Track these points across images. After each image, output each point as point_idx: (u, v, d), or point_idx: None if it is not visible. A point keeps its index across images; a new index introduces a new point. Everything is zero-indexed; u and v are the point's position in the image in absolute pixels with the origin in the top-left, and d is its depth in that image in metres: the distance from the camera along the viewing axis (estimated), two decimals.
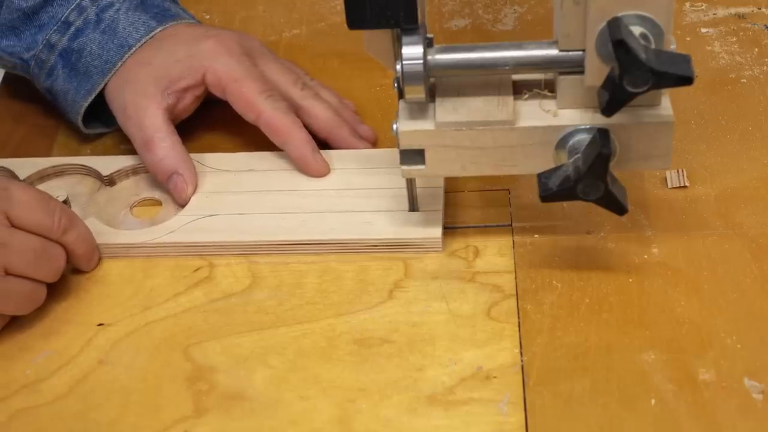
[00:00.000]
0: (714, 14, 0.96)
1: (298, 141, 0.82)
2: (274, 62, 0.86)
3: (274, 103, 0.82)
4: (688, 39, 0.94)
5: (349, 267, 0.77)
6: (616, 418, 0.66)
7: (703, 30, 0.95)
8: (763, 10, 0.96)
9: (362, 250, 0.77)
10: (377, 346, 0.71)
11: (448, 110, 0.71)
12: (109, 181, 0.84)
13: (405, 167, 0.73)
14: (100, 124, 0.89)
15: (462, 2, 1.01)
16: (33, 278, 0.73)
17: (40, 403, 0.70)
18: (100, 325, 0.75)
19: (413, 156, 0.72)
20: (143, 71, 0.83)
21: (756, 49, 0.92)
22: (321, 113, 0.84)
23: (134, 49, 0.84)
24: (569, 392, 0.67)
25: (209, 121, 0.89)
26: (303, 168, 0.82)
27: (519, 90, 0.72)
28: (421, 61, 0.68)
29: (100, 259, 0.79)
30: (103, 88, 0.85)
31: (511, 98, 0.71)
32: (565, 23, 0.67)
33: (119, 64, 0.84)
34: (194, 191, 0.81)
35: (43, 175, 0.85)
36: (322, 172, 0.82)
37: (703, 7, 0.97)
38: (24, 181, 0.83)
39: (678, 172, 0.80)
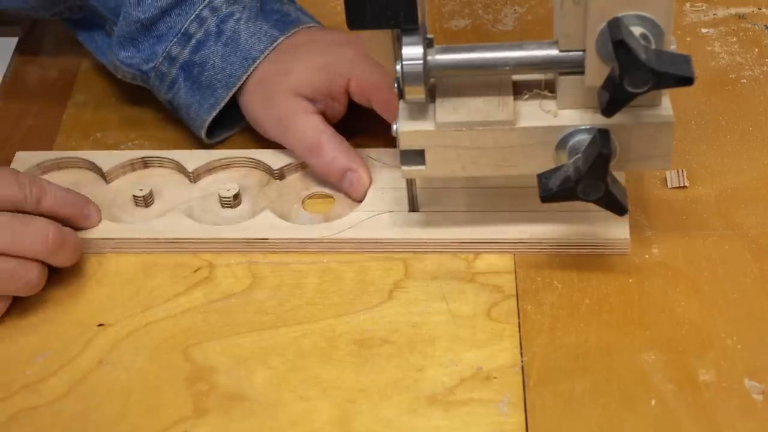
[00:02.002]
0: (714, 14, 0.96)
1: None
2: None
3: None
4: (688, 39, 0.94)
5: (348, 267, 0.77)
6: (616, 418, 0.66)
7: (704, 30, 0.95)
8: (764, 10, 0.96)
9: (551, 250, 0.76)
10: (377, 346, 0.71)
11: (448, 110, 0.71)
12: (279, 174, 0.83)
13: (405, 167, 0.73)
14: (225, 130, 0.88)
15: (462, 2, 1.01)
16: (17, 255, 0.72)
17: (40, 404, 0.70)
18: (100, 325, 0.75)
19: (413, 156, 0.72)
20: (286, 81, 0.81)
21: (756, 50, 0.92)
22: None
23: (258, 61, 0.82)
24: (569, 393, 0.67)
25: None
26: None
27: (519, 90, 0.72)
28: (421, 62, 0.68)
29: (99, 216, 0.79)
30: (235, 98, 0.84)
31: (511, 98, 0.71)
32: (565, 23, 0.67)
33: (243, 77, 0.82)
34: (370, 185, 0.80)
35: (211, 168, 0.84)
36: None
37: (704, 8, 0.97)
38: (192, 173, 0.83)
39: (678, 172, 0.80)
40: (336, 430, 0.67)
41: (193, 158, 0.84)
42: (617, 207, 0.70)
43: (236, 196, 0.81)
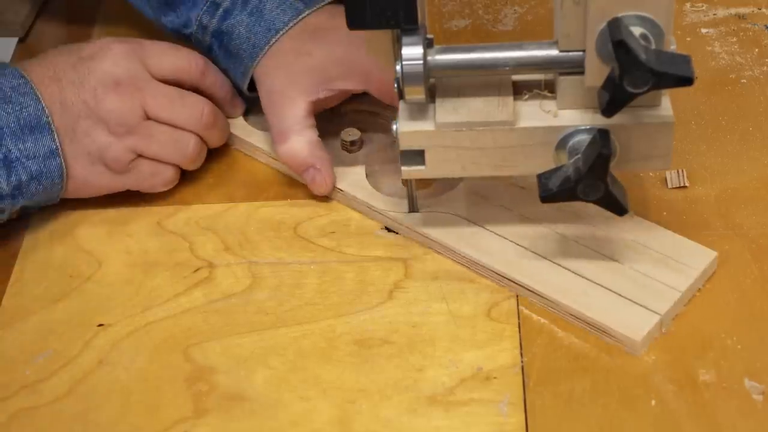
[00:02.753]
0: (714, 14, 0.96)
1: None
2: None
3: None
4: (688, 39, 0.94)
5: (349, 268, 0.77)
6: (616, 418, 0.66)
7: (704, 30, 0.95)
8: (764, 10, 0.96)
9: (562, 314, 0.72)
10: (377, 346, 0.71)
11: (448, 111, 0.71)
12: None
13: (405, 168, 0.73)
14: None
15: (462, 2, 1.01)
16: (176, 125, 0.81)
17: (40, 404, 0.70)
18: (100, 325, 0.75)
19: (413, 156, 0.72)
20: (301, 61, 0.82)
21: (756, 50, 0.92)
22: None
23: (281, 32, 0.82)
24: (569, 393, 0.67)
25: None
26: None
27: (519, 90, 0.72)
28: (421, 62, 0.68)
29: (243, 108, 0.87)
30: None
31: (511, 99, 0.71)
32: (565, 23, 0.67)
33: (266, 48, 0.82)
34: (332, 187, 0.81)
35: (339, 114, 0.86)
36: None
37: (704, 8, 0.97)
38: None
39: (678, 172, 0.80)
40: (336, 431, 0.67)
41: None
42: (617, 207, 0.69)
43: (354, 143, 0.84)
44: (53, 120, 0.78)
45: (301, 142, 0.81)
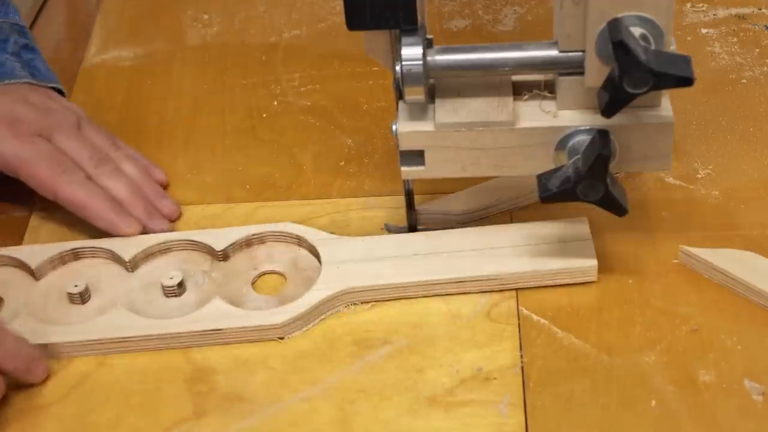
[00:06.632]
0: (714, 15, 0.96)
1: (101, 210, 0.77)
2: (72, 138, 0.80)
3: (70, 176, 0.77)
4: (688, 39, 0.94)
5: None
6: (616, 419, 0.66)
7: (704, 30, 0.95)
8: (764, 10, 0.96)
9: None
10: (377, 347, 0.71)
11: (448, 111, 0.71)
12: (223, 255, 0.77)
13: (405, 168, 0.73)
14: None
15: (462, 3, 1.01)
16: None
17: (40, 405, 0.70)
18: None
19: (413, 157, 0.72)
20: None
21: (756, 50, 0.92)
22: (115, 193, 0.78)
23: None
24: (569, 393, 0.67)
25: None
26: (115, 233, 0.77)
27: (519, 91, 0.72)
28: (421, 62, 0.68)
29: (46, 372, 0.70)
30: None
31: (510, 99, 0.71)
32: (565, 24, 0.67)
33: None
34: None
35: (149, 254, 0.77)
36: (135, 230, 0.77)
37: (704, 8, 0.97)
38: (129, 261, 0.76)
39: None
40: (336, 431, 0.67)
41: (128, 245, 0.77)
42: (617, 208, 0.69)
43: (180, 284, 0.75)
44: None
45: None
